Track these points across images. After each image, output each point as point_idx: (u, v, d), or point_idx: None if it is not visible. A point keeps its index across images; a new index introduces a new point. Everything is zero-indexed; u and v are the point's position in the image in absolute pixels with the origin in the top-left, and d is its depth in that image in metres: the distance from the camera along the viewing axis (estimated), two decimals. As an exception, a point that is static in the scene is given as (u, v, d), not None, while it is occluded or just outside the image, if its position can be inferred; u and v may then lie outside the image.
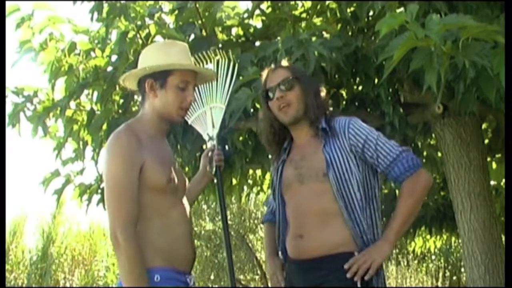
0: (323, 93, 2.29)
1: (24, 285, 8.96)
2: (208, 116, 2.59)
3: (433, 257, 9.38)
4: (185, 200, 2.12)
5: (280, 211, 2.27)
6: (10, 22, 3.61)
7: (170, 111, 2.06)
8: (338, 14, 3.41)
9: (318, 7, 3.48)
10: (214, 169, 2.45)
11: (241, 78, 3.01)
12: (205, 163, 2.46)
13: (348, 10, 3.23)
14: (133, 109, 3.77)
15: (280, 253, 2.28)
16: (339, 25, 3.45)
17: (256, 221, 8.79)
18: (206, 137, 2.56)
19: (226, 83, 2.60)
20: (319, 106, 2.20)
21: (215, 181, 2.49)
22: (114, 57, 3.72)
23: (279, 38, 3.22)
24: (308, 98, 2.19)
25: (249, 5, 3.58)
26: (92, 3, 3.40)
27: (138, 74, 2.07)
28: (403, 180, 2.08)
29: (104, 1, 3.38)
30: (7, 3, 3.41)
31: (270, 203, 2.47)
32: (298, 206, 2.17)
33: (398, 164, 2.08)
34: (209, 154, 2.47)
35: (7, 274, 8.73)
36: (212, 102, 2.60)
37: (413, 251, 8.47)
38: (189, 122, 2.64)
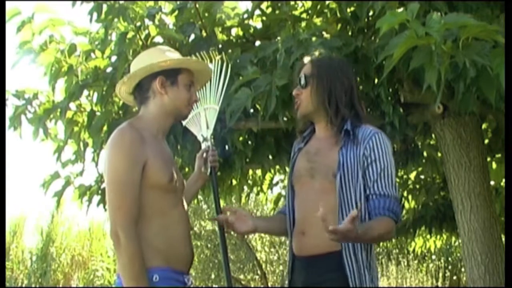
0: (343, 90, 2.15)
1: (24, 285, 8.96)
2: (202, 117, 2.60)
3: (433, 257, 9.39)
4: (184, 200, 2.13)
5: (289, 202, 2.25)
6: (11, 25, 3.61)
7: (180, 107, 2.10)
8: (338, 14, 3.40)
9: (318, 7, 3.47)
10: (209, 170, 2.46)
11: (240, 78, 3.01)
12: (200, 164, 2.47)
13: (348, 10, 3.23)
14: (134, 110, 3.76)
15: (289, 248, 2.26)
16: (339, 25, 3.45)
17: (256, 221, 8.78)
18: (200, 138, 2.57)
19: (220, 84, 2.61)
20: (336, 105, 2.13)
21: (211, 182, 2.50)
22: (114, 58, 3.72)
23: (279, 38, 3.21)
24: (320, 97, 2.14)
25: (249, 5, 3.57)
26: (92, 4, 3.40)
27: (152, 69, 2.05)
28: (379, 214, 2.03)
29: (103, 2, 3.37)
30: (7, 5, 3.41)
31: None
32: (305, 201, 2.16)
33: (387, 201, 2.04)
34: (204, 155, 2.48)
35: (8, 273, 8.74)
36: (206, 103, 2.61)
37: (413, 251, 8.47)
38: (184, 124, 2.64)
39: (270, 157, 3.90)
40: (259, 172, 4.64)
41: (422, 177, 5.44)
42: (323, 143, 2.19)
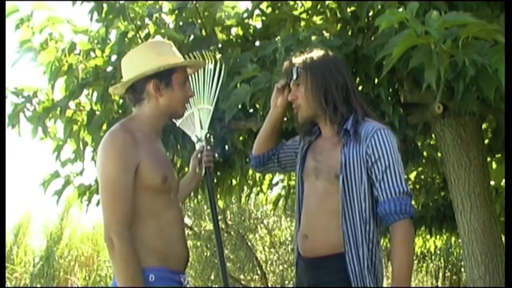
0: (338, 88, 2.13)
1: (26, 285, 8.97)
2: (196, 118, 2.61)
3: (433, 257, 9.38)
4: (178, 200, 2.13)
5: (299, 196, 2.22)
6: (9, 22, 3.62)
7: (176, 107, 2.09)
8: (338, 14, 3.40)
9: (318, 7, 3.47)
10: (203, 170, 2.47)
11: (241, 76, 3.01)
12: (195, 165, 2.49)
13: (348, 10, 3.23)
14: (133, 109, 3.75)
15: (295, 244, 2.25)
16: (339, 25, 3.45)
17: (256, 221, 8.78)
18: (194, 139, 2.58)
19: (214, 84, 2.62)
20: (334, 104, 2.11)
21: (205, 182, 2.51)
22: (114, 57, 3.72)
23: (278, 37, 3.21)
24: (316, 98, 2.12)
25: (249, 5, 3.57)
26: (92, 3, 3.40)
27: (143, 75, 2.04)
28: (393, 220, 1.99)
29: (103, 1, 3.37)
30: (6, 3, 3.41)
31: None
32: (308, 204, 2.16)
33: (397, 203, 1.98)
34: (198, 155, 2.48)
35: (10, 274, 8.74)
36: (200, 103, 2.62)
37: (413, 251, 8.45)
38: (178, 124, 2.65)
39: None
40: (259, 172, 4.62)
41: (422, 177, 5.44)
42: (327, 142, 2.18)
